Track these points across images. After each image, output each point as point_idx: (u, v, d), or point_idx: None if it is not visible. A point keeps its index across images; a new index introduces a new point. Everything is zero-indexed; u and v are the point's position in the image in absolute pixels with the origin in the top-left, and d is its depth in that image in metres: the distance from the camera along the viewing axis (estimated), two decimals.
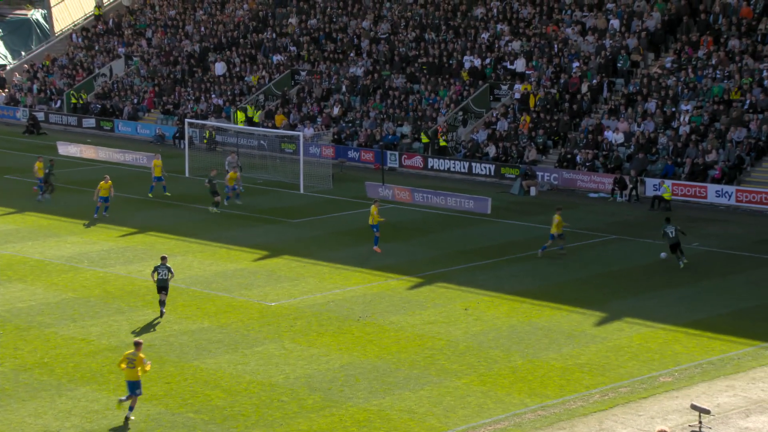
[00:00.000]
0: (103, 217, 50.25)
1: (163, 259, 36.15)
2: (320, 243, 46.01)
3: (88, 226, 48.88)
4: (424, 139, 64.70)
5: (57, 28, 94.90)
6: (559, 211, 43.99)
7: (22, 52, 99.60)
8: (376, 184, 56.33)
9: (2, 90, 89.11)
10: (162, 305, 35.78)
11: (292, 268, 41.79)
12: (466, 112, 66.41)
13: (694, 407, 25.41)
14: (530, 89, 65.02)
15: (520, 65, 67.12)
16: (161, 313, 35.71)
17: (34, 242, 45.77)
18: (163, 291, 35.75)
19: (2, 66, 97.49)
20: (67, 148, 68.72)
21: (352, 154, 66.22)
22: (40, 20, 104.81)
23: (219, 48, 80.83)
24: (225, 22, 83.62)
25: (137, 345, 27.66)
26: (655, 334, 33.97)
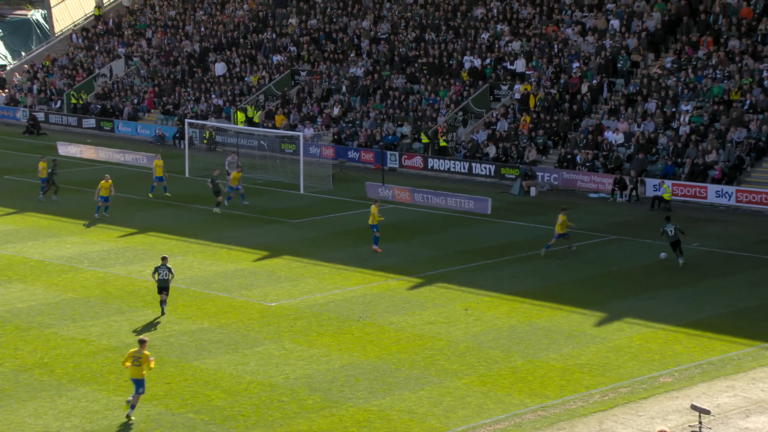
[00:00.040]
0: (104, 217, 50.29)
1: (164, 259, 36.13)
2: (320, 243, 46.00)
3: (88, 226, 48.89)
4: (424, 139, 64.68)
5: (57, 29, 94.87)
6: (565, 211, 44.14)
7: (22, 53, 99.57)
8: (376, 185, 56.31)
9: (2, 90, 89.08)
10: (163, 305, 35.79)
11: (292, 269, 41.78)
12: (466, 112, 66.40)
13: (694, 407, 25.39)
14: (530, 89, 65.01)
15: (520, 65, 67.11)
16: (162, 312, 35.73)
17: (34, 242, 45.77)
18: (164, 291, 35.72)
19: (2, 66, 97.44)
20: (67, 149, 68.71)
21: (352, 154, 66.21)
22: (40, 20, 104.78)
23: (219, 48, 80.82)
24: (225, 22, 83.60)
25: (142, 343, 27.76)
26: (656, 334, 33.97)
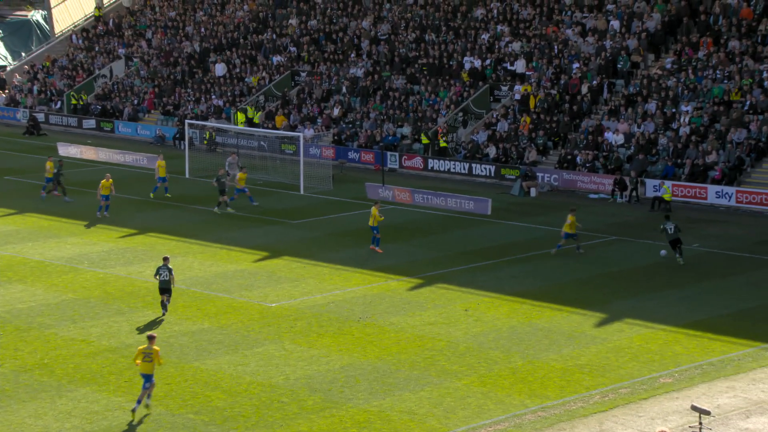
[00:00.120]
0: (104, 216, 50.33)
1: (165, 259, 36.10)
2: (320, 244, 46.00)
3: (89, 227, 48.88)
4: (425, 140, 64.68)
5: (57, 29, 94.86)
6: (573, 212, 44.34)
7: (23, 53, 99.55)
8: (377, 185, 56.31)
9: (2, 91, 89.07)
10: (163, 307, 35.77)
11: (292, 269, 41.78)
12: (466, 113, 66.39)
13: (695, 408, 25.39)
14: (530, 90, 65.00)
15: (520, 66, 67.11)
16: (162, 313, 35.73)
17: (35, 243, 45.77)
18: (165, 293, 35.62)
19: (2, 67, 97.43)
20: (68, 149, 68.70)
21: (352, 155, 66.20)
22: (41, 21, 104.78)
23: (219, 49, 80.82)
24: (225, 23, 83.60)
25: (151, 338, 28.00)
26: (656, 335, 33.97)
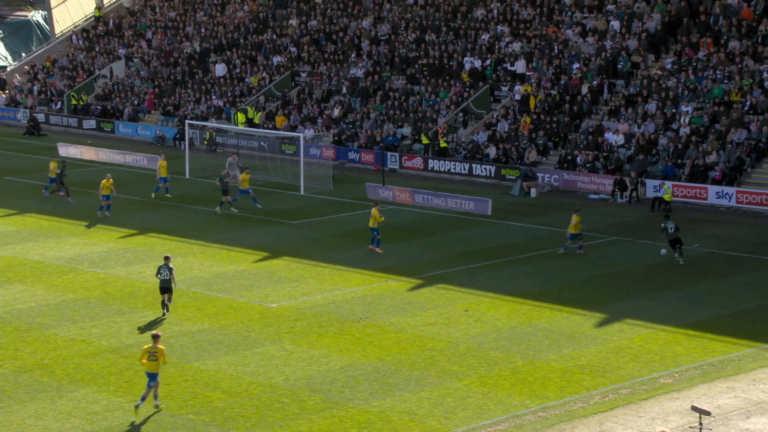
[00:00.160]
0: (105, 216, 50.37)
1: (167, 258, 36.13)
2: (320, 244, 45.99)
3: (89, 227, 48.88)
4: (425, 140, 64.66)
5: (57, 30, 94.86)
6: (578, 212, 44.48)
7: (23, 54, 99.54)
8: (377, 186, 56.30)
9: (3, 91, 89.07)
10: (164, 307, 35.77)
11: (292, 270, 41.77)
12: (467, 113, 66.38)
13: (695, 409, 25.37)
14: (530, 90, 64.99)
15: (520, 66, 67.09)
16: (163, 313, 35.73)
17: (35, 243, 45.76)
18: (166, 292, 35.65)
19: (2, 67, 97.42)
20: (68, 150, 68.67)
21: (352, 155, 66.18)
22: (41, 21, 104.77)
23: (219, 49, 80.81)
24: (225, 23, 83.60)
25: (155, 337, 28.06)
26: (656, 335, 33.96)
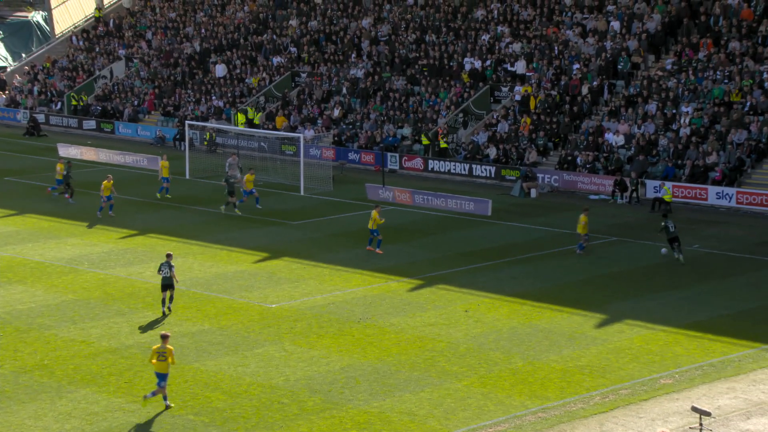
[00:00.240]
0: (109, 216, 50.43)
1: (168, 256, 36.24)
2: (320, 245, 45.98)
3: (89, 227, 48.86)
4: (425, 140, 64.65)
5: (57, 30, 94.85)
6: (586, 212, 44.62)
7: (23, 54, 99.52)
8: (377, 186, 56.28)
9: (3, 92, 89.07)
10: (163, 304, 35.79)
11: (292, 270, 41.75)
12: (467, 113, 66.36)
13: (695, 409, 25.37)
14: (531, 91, 64.97)
15: (520, 67, 67.08)
16: (163, 313, 35.73)
17: (35, 244, 45.75)
18: (167, 289, 35.76)
19: (3, 68, 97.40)
20: (68, 150, 68.63)
21: (352, 155, 66.16)
22: (41, 22, 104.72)
23: (219, 50, 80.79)
24: (225, 24, 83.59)
25: (164, 338, 28.14)
26: (656, 335, 33.94)
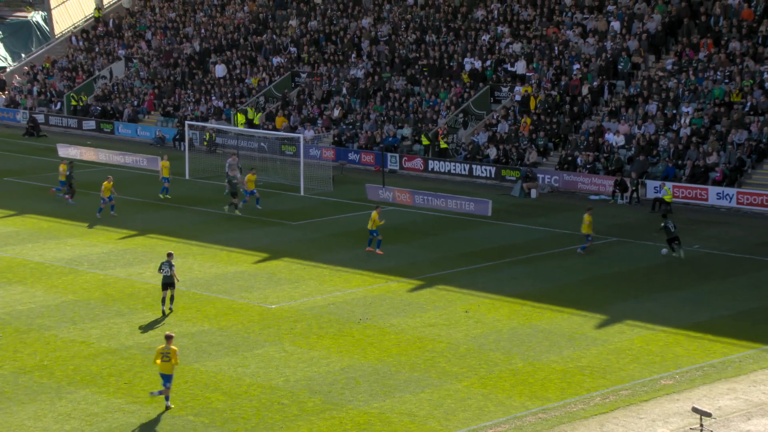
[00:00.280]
0: (111, 216, 50.44)
1: (169, 255, 36.27)
2: (320, 245, 45.94)
3: (89, 228, 48.82)
4: (425, 141, 64.61)
5: (57, 30, 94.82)
6: (590, 211, 44.72)
7: (22, 54, 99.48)
8: (377, 187, 56.23)
9: (2, 92, 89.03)
10: (163, 303, 35.78)
11: (292, 271, 41.72)
12: (467, 114, 66.33)
13: (696, 410, 25.34)
14: (531, 91, 64.93)
15: (520, 67, 67.04)
16: (162, 312, 35.71)
17: (34, 244, 45.70)
18: (168, 287, 35.78)
19: (2, 68, 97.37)
20: (67, 151, 68.60)
21: (352, 156, 66.12)
22: (40, 22, 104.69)
23: (219, 50, 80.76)
24: (225, 24, 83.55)
25: (168, 338, 28.12)
26: (656, 336, 33.90)
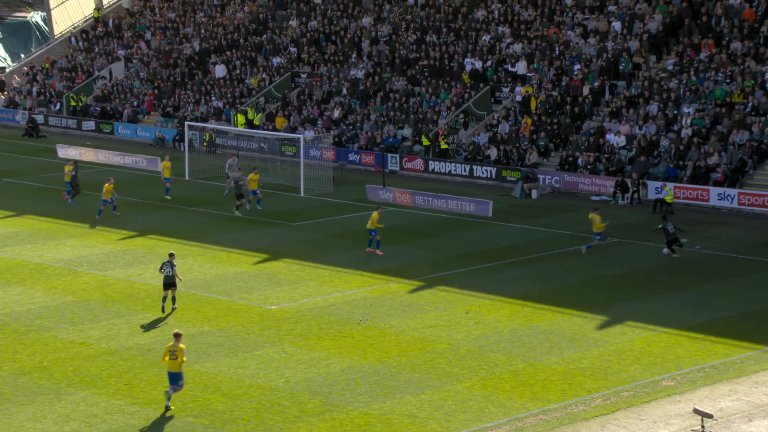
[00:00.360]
0: (113, 215, 50.45)
1: (171, 255, 36.28)
2: (321, 246, 45.87)
3: (88, 229, 48.75)
4: (425, 141, 64.55)
5: (56, 31, 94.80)
6: (597, 211, 44.91)
7: (22, 55, 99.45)
8: (377, 187, 56.17)
9: (2, 93, 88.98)
10: (164, 301, 35.75)
11: (292, 272, 41.65)
12: (467, 114, 66.26)
13: (697, 411, 25.29)
14: (531, 92, 64.87)
15: (521, 68, 66.98)
16: (162, 309, 35.66)
17: (34, 245, 45.63)
18: (169, 287, 35.77)
19: (1, 69, 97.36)
20: (67, 151, 68.51)
21: (352, 156, 66.06)
22: (40, 23, 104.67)
23: (219, 50, 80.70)
24: (225, 24, 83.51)
25: (177, 336, 28.12)
26: (658, 337, 33.83)
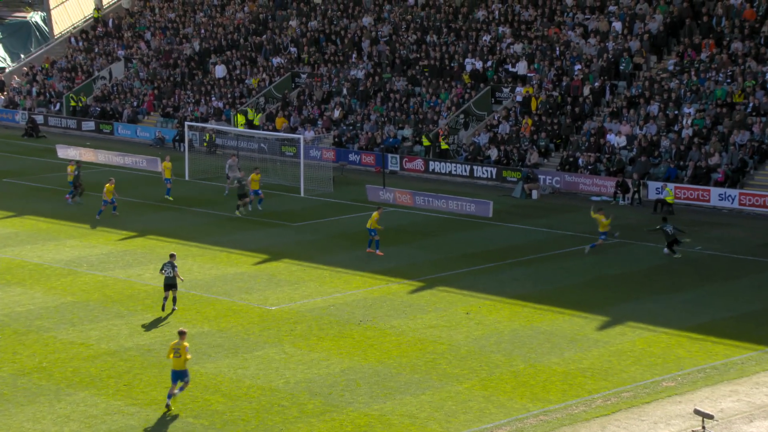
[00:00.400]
0: (113, 215, 50.44)
1: (172, 256, 36.31)
2: (321, 246, 45.84)
3: (88, 229, 48.71)
4: (426, 142, 64.51)
5: (56, 31, 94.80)
6: (601, 211, 44.86)
7: (21, 55, 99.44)
8: (377, 188, 56.13)
9: (1, 93, 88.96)
10: (164, 301, 35.76)
11: (292, 272, 41.62)
12: (468, 114, 66.23)
13: (698, 412, 25.24)
14: (532, 92, 64.84)
15: (521, 68, 66.94)
16: (163, 308, 35.64)
17: (33, 246, 45.59)
18: (170, 288, 35.79)
19: (1, 69, 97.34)
20: (67, 152, 68.48)
21: (352, 157, 66.03)
22: (40, 23, 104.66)
23: (219, 50, 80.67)
24: (225, 24, 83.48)
25: (182, 334, 28.16)
26: (658, 338, 33.79)
